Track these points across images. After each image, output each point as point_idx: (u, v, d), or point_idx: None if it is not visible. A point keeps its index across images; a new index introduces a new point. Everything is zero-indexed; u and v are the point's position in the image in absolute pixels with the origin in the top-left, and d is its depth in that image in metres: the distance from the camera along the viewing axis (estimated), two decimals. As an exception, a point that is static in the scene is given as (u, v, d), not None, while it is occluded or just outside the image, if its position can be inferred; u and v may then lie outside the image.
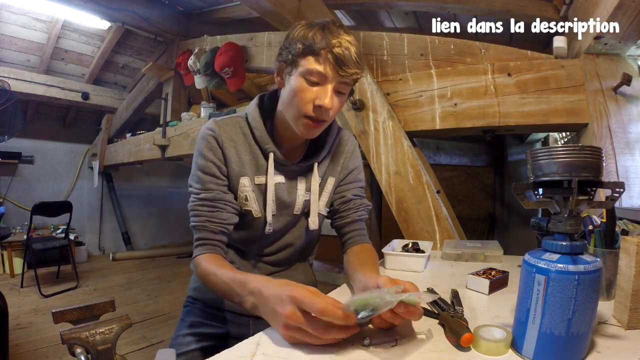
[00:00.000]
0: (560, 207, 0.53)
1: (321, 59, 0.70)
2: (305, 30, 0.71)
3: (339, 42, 0.69)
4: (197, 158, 0.80)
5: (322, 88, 0.72)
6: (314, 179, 0.86)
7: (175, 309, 3.05)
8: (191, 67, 3.12)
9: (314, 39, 0.70)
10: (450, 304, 0.71)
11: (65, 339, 0.69)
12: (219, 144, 0.80)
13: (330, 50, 0.69)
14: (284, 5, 2.19)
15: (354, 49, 0.70)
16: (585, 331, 0.50)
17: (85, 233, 5.11)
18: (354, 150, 0.94)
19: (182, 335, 0.89)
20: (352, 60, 0.70)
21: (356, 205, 0.91)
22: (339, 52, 0.69)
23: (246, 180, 0.81)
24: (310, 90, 0.72)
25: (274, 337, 0.59)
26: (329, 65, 0.70)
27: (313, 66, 0.70)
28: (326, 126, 0.79)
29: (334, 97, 0.73)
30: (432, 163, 2.93)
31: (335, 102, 0.74)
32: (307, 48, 0.70)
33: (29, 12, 3.55)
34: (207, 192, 0.78)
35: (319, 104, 0.71)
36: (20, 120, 4.05)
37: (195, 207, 0.78)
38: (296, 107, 0.74)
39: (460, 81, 1.78)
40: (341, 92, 0.74)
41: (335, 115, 0.78)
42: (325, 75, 0.70)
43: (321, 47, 0.69)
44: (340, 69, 0.70)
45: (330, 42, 0.69)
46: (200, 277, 0.76)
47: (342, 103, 0.77)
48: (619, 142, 1.47)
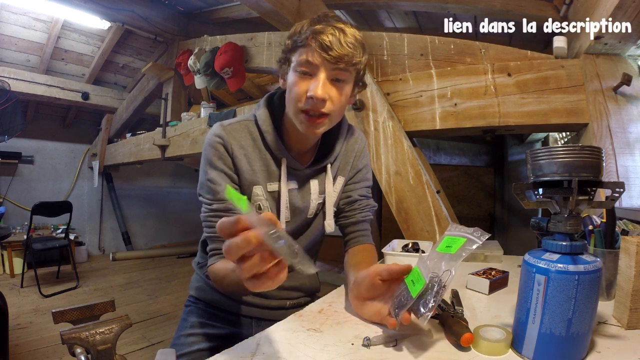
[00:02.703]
0: (560, 207, 0.53)
1: (307, 48, 0.67)
2: (297, 26, 0.71)
3: (324, 28, 0.66)
4: (206, 167, 0.77)
5: (314, 78, 0.69)
6: (327, 181, 0.84)
7: (175, 309, 3.05)
8: (191, 67, 3.12)
9: (301, 31, 0.69)
10: (450, 304, 0.71)
11: (65, 339, 0.69)
12: (228, 152, 0.76)
13: (314, 37, 0.66)
14: (284, 5, 2.19)
15: (345, 34, 0.67)
16: (585, 331, 0.50)
17: (85, 233, 5.11)
18: (363, 148, 0.92)
19: (184, 335, 0.89)
20: (342, 44, 0.66)
21: (362, 206, 0.90)
22: (324, 38, 0.66)
23: (259, 189, 0.79)
24: (302, 82, 0.69)
25: (274, 337, 0.59)
26: (315, 52, 0.67)
27: (301, 57, 0.68)
28: (333, 122, 0.75)
29: (330, 86, 0.69)
30: (432, 163, 2.94)
31: (332, 92, 0.70)
32: (294, 42, 0.69)
33: (29, 12, 3.55)
34: (219, 203, 0.75)
35: (310, 94, 0.68)
36: (20, 120, 4.04)
37: (208, 219, 0.76)
38: (292, 102, 0.71)
39: (460, 81, 1.78)
40: (339, 79, 0.70)
41: (339, 107, 0.73)
42: (314, 64, 0.67)
43: (306, 37, 0.67)
44: (327, 54, 0.66)
45: (314, 30, 0.66)
46: (216, 282, 0.76)
47: (344, 93, 0.72)
48: (619, 142, 1.47)
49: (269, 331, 0.61)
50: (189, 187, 5.87)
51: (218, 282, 0.75)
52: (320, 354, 0.54)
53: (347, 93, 0.73)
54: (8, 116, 3.88)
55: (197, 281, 0.95)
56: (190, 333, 0.89)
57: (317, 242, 0.93)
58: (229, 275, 0.67)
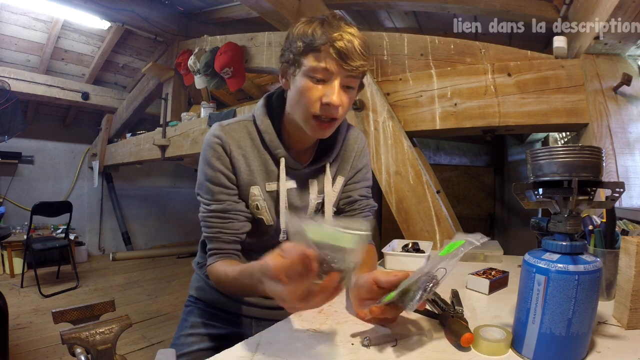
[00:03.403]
0: (560, 207, 0.53)
1: (323, 54, 0.67)
2: (305, 27, 0.69)
3: (340, 35, 0.66)
4: (204, 167, 0.77)
5: (328, 85, 0.69)
6: (327, 180, 0.84)
7: (175, 309, 3.06)
8: (191, 67, 3.12)
9: (314, 35, 0.67)
10: (450, 304, 0.71)
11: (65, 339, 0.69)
12: (226, 152, 0.76)
13: (331, 45, 0.66)
14: (284, 5, 2.19)
15: (357, 41, 0.67)
16: (585, 331, 0.50)
17: (85, 233, 5.11)
18: (363, 148, 0.92)
19: (184, 335, 0.89)
20: (356, 52, 0.67)
21: (362, 206, 0.90)
22: (341, 46, 0.66)
23: (257, 190, 0.79)
24: (316, 88, 0.69)
25: (274, 337, 0.59)
26: (332, 60, 0.67)
27: (316, 63, 0.67)
28: (338, 124, 0.77)
29: (342, 93, 0.70)
30: (432, 163, 2.94)
31: (344, 98, 0.71)
32: (307, 45, 0.68)
33: (29, 12, 3.55)
34: (217, 204, 0.76)
35: (327, 101, 0.68)
36: (20, 120, 4.04)
37: (207, 219, 0.77)
38: (304, 107, 0.71)
39: (460, 81, 1.78)
40: (349, 86, 0.71)
41: (346, 113, 0.74)
42: (330, 71, 0.67)
43: (322, 43, 0.66)
44: (345, 63, 0.66)
45: (331, 37, 0.66)
46: (215, 283, 0.77)
47: (352, 99, 0.73)
48: (619, 142, 1.47)
49: (269, 331, 0.61)
50: (189, 187, 5.81)
51: (218, 283, 0.76)
52: (320, 354, 0.54)
53: (354, 97, 0.75)
54: (8, 116, 3.88)
55: (197, 281, 0.95)
56: (191, 333, 0.89)
57: None
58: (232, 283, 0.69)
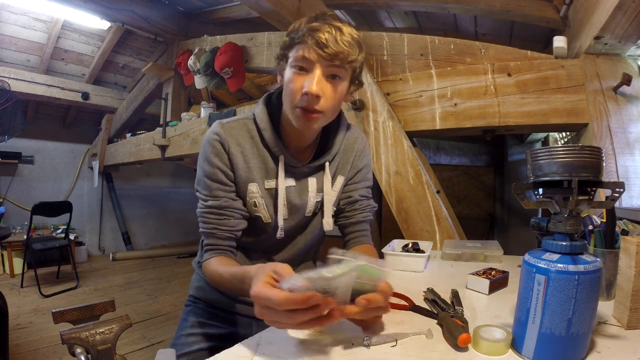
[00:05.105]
0: (560, 207, 0.53)
1: (304, 45, 0.68)
2: (294, 24, 0.72)
3: (320, 25, 0.67)
4: (203, 163, 0.78)
5: (309, 75, 0.69)
6: (326, 178, 0.84)
7: (175, 309, 3.06)
8: (191, 67, 3.12)
9: (298, 28, 0.69)
10: (450, 304, 0.71)
11: (65, 339, 0.69)
12: (225, 149, 0.77)
13: (310, 35, 0.67)
14: (284, 5, 2.19)
15: (341, 33, 0.67)
16: (585, 331, 0.50)
17: (85, 233, 5.11)
18: (363, 148, 0.92)
19: (184, 335, 0.89)
20: (337, 42, 0.67)
21: (362, 206, 0.90)
22: (320, 35, 0.66)
23: (254, 187, 0.79)
24: (299, 79, 0.69)
25: (274, 337, 0.59)
26: (311, 49, 0.67)
27: (298, 53, 0.69)
28: (327, 118, 0.75)
29: (325, 82, 0.69)
30: (432, 163, 2.94)
31: (327, 89, 0.70)
32: (292, 39, 0.70)
33: (29, 12, 3.55)
34: (214, 200, 0.77)
35: (305, 90, 0.68)
36: (20, 120, 4.04)
37: (203, 214, 0.78)
38: (288, 98, 0.72)
39: (460, 81, 1.78)
40: (335, 75, 0.70)
41: (332, 104, 0.73)
42: (309, 59, 0.68)
43: (303, 34, 0.68)
44: (323, 51, 0.66)
45: (311, 27, 0.67)
46: (209, 279, 0.78)
47: (339, 90, 0.72)
48: (619, 142, 1.47)
49: (269, 331, 0.61)
50: (189, 187, 5.80)
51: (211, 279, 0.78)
52: (320, 354, 0.54)
53: (342, 91, 0.74)
54: (8, 116, 3.88)
55: (197, 281, 0.95)
56: (191, 333, 0.89)
57: (317, 241, 0.94)
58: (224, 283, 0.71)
